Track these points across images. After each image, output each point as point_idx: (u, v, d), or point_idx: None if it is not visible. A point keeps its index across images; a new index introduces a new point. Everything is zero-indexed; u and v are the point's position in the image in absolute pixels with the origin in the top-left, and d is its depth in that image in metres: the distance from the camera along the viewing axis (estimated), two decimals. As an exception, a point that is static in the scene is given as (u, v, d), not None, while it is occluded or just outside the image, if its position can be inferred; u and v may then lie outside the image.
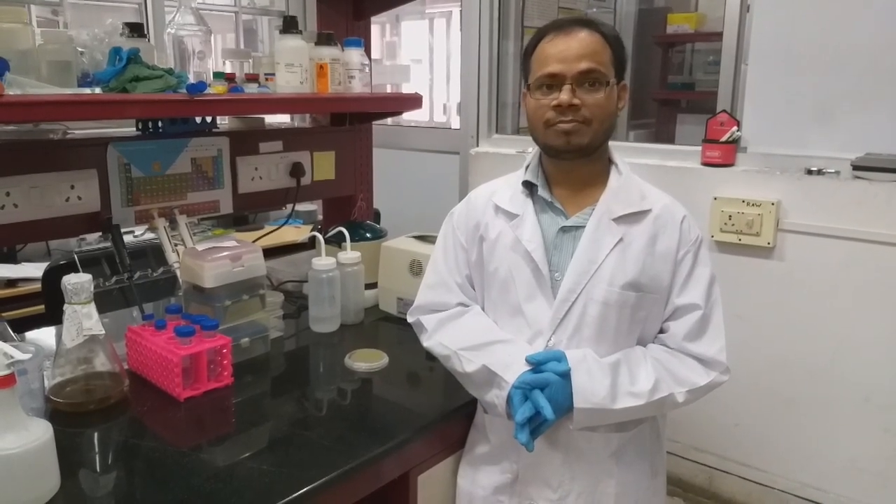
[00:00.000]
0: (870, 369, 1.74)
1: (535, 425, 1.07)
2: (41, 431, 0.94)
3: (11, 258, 2.63)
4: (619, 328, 1.14)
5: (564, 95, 1.09)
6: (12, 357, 0.92)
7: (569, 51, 1.10)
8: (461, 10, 2.62)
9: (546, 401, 1.05)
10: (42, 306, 2.13)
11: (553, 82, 1.11)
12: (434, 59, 4.18)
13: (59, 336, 1.52)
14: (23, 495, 0.92)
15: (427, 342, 1.27)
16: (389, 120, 2.49)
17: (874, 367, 1.74)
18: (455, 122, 3.58)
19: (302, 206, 1.90)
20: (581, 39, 1.10)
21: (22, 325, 1.52)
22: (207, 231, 3.14)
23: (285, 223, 2.00)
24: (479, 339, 1.18)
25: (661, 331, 1.19)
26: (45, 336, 1.57)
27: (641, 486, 1.20)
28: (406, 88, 3.74)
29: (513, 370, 1.10)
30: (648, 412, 1.14)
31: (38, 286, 2.25)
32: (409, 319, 1.33)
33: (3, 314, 1.73)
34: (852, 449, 1.81)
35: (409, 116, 3.38)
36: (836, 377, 1.80)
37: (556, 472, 1.16)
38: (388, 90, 3.63)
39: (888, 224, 1.67)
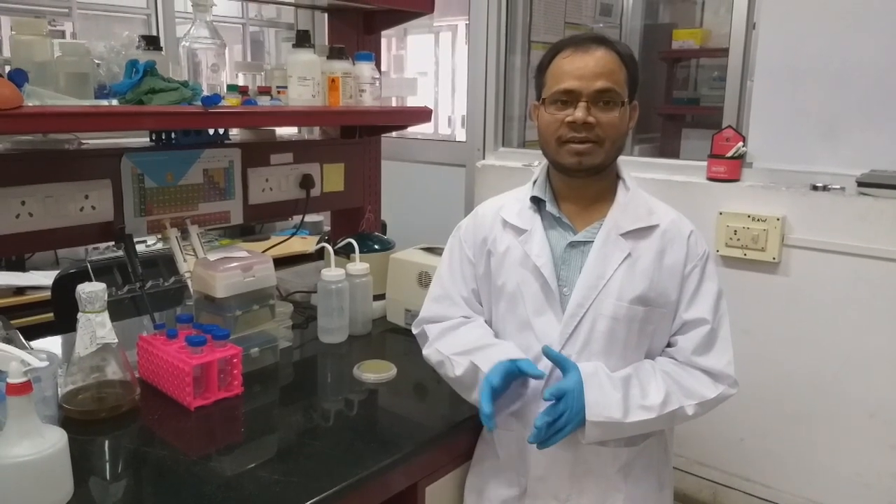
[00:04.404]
0: (875, 385, 1.75)
1: (551, 434, 1.07)
2: (56, 438, 0.95)
3: (20, 266, 2.65)
4: (627, 342, 1.15)
5: (580, 113, 1.10)
6: (29, 364, 0.93)
7: (586, 68, 1.10)
8: (468, 25, 2.65)
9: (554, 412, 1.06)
10: (50, 314, 2.15)
11: (569, 98, 1.11)
12: (440, 71, 4.21)
13: (65, 345, 1.54)
14: (37, 501, 0.93)
15: (426, 350, 1.28)
16: (395, 132, 2.51)
17: (880, 383, 1.74)
18: (459, 135, 3.60)
19: (308, 217, 1.91)
20: (598, 58, 1.11)
21: (29, 334, 1.53)
22: (214, 241, 3.15)
23: (294, 234, 2.01)
24: (472, 344, 1.19)
25: (669, 345, 1.19)
26: (51, 345, 1.57)
27: (649, 500, 1.21)
28: (412, 101, 3.76)
29: (492, 365, 1.11)
30: (659, 426, 1.14)
31: (46, 294, 2.26)
32: (414, 331, 1.34)
33: (11, 322, 1.74)
34: (858, 465, 1.80)
35: (414, 129, 3.40)
36: (842, 392, 1.80)
37: (565, 487, 1.16)
38: (394, 103, 3.66)
39: (893, 240, 1.68)
